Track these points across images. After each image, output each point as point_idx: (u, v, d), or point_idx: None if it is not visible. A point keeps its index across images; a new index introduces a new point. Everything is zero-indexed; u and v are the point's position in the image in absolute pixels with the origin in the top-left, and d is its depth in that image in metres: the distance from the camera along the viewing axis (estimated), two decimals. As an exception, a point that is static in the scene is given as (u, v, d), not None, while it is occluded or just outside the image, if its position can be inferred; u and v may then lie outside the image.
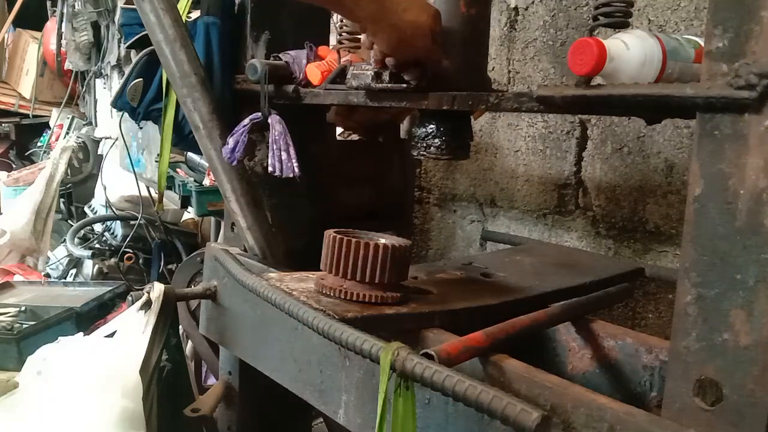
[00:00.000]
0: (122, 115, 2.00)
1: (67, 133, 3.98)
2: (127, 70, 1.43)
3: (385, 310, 0.92)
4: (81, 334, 1.37)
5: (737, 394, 0.62)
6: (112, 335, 1.26)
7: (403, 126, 1.70)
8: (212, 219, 2.40)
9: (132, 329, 1.24)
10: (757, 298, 0.60)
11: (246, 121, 1.23)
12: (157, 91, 1.40)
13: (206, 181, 2.22)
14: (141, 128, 2.16)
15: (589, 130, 1.71)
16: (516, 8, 1.84)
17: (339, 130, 1.67)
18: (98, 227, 3.01)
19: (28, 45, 4.48)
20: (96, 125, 3.78)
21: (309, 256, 1.11)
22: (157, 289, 1.27)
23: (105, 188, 2.99)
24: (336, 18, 1.54)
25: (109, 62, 3.27)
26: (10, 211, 3.33)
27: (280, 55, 1.27)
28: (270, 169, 1.21)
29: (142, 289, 1.29)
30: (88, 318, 1.88)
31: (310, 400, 1.10)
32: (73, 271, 2.97)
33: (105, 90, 3.49)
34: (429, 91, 0.96)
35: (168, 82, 1.35)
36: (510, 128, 1.91)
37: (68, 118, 4.11)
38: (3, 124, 4.63)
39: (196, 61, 1.26)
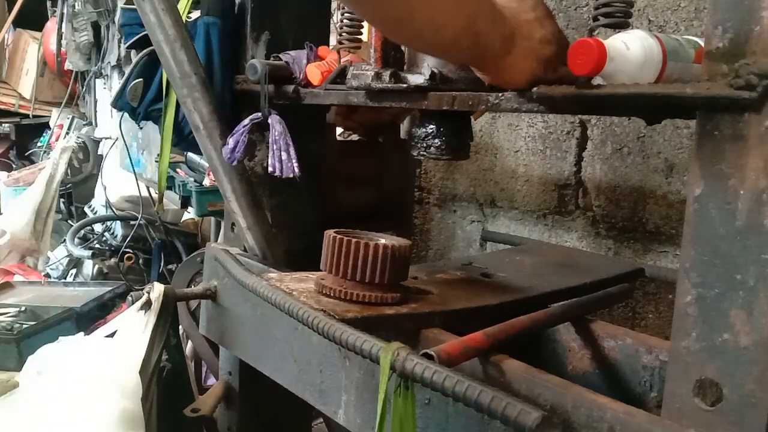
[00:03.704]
0: (122, 115, 2.00)
1: (67, 133, 3.98)
2: (127, 71, 1.43)
3: (385, 310, 0.91)
4: (81, 334, 1.37)
5: (737, 394, 0.62)
6: (112, 335, 1.25)
7: (403, 126, 1.70)
8: (212, 219, 2.40)
9: (132, 329, 1.24)
10: (757, 298, 0.60)
11: (246, 121, 1.23)
12: (157, 92, 1.40)
13: (206, 181, 2.22)
14: (141, 128, 2.16)
15: (589, 130, 1.71)
16: (516, 8, 1.84)
17: (339, 130, 1.67)
18: (98, 227, 3.01)
19: (28, 45, 4.48)
20: (96, 125, 3.78)
21: (309, 256, 1.11)
22: (156, 290, 1.27)
23: (105, 188, 2.99)
24: (336, 18, 1.55)
25: (109, 62, 3.26)
26: (10, 211, 3.33)
27: (280, 55, 1.27)
28: (270, 169, 1.21)
29: (142, 289, 1.29)
30: (88, 318, 1.88)
31: (310, 400, 1.10)
32: (73, 271, 2.97)
33: (105, 90, 3.48)
34: (429, 91, 0.96)
35: (168, 83, 1.35)
36: (510, 128, 1.91)
37: (68, 118, 4.11)
38: (3, 124, 4.63)
39: (196, 62, 1.26)
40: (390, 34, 0.83)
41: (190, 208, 2.55)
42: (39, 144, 4.37)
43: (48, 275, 2.98)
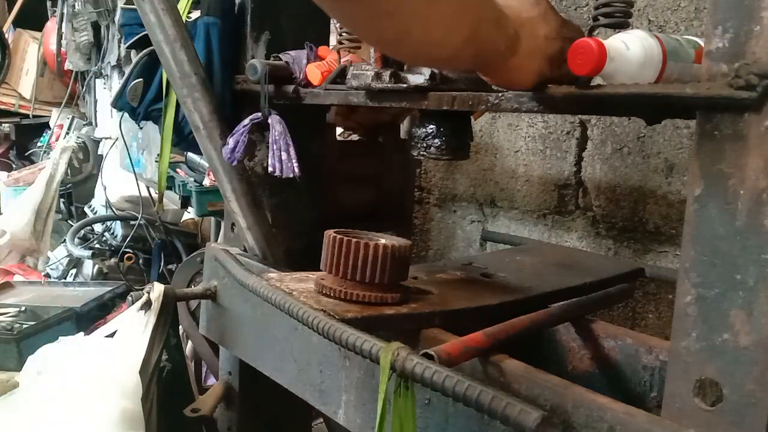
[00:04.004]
0: (122, 115, 2.00)
1: (67, 133, 3.98)
2: (127, 71, 1.43)
3: (385, 310, 0.91)
4: (81, 334, 1.37)
5: (737, 394, 0.62)
6: (112, 335, 1.26)
7: (403, 126, 1.70)
8: (212, 219, 2.40)
9: (132, 329, 1.24)
10: (757, 298, 0.60)
11: (246, 121, 1.23)
12: (157, 92, 1.40)
13: (206, 181, 2.22)
14: (141, 128, 2.16)
15: (589, 130, 1.71)
16: (516, 8, 1.84)
17: (339, 130, 1.67)
18: (98, 227, 3.01)
19: (28, 45, 4.48)
20: (96, 125, 3.78)
21: (309, 256, 1.11)
22: (156, 290, 1.27)
23: (105, 188, 2.99)
24: (336, 18, 1.54)
25: (109, 62, 3.26)
26: (10, 211, 3.33)
27: (280, 56, 1.27)
28: (270, 169, 1.21)
29: (142, 289, 1.29)
30: (88, 318, 1.88)
31: (310, 400, 1.10)
32: (73, 271, 2.97)
33: (105, 90, 3.48)
34: (429, 91, 0.96)
35: (168, 83, 1.35)
36: (510, 128, 1.91)
37: (68, 118, 4.11)
38: (3, 124, 4.63)
39: (196, 62, 1.26)
40: (388, 53, 0.80)
41: (190, 208, 2.55)
42: (39, 144, 4.37)
43: (48, 275, 2.98)
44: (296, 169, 1.20)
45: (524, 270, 1.22)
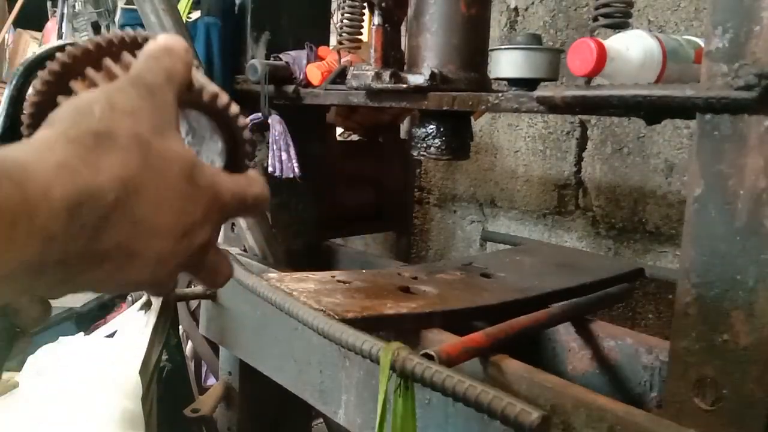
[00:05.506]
0: (122, 115, 2.00)
1: (67, 133, 3.98)
2: (127, 71, 1.43)
3: (385, 310, 0.92)
4: (81, 334, 1.36)
5: (737, 394, 0.62)
6: (112, 335, 1.26)
7: (403, 126, 1.70)
8: (212, 219, 2.40)
9: (132, 329, 1.24)
10: (757, 298, 0.60)
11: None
12: (157, 91, 1.40)
13: (206, 182, 2.21)
14: (141, 128, 2.15)
15: (589, 130, 1.71)
16: (516, 9, 1.84)
17: (339, 130, 1.67)
18: (98, 227, 3.00)
19: (28, 45, 4.48)
20: (96, 125, 3.77)
21: (309, 256, 1.11)
22: (157, 290, 1.27)
23: (105, 188, 2.99)
24: (336, 18, 1.55)
25: (109, 62, 3.26)
26: (10, 211, 3.32)
27: (281, 56, 1.27)
28: (270, 169, 1.21)
29: (142, 289, 1.29)
30: (88, 318, 1.88)
31: (310, 400, 1.10)
32: (73, 271, 2.96)
33: (105, 90, 3.48)
34: (429, 91, 0.96)
35: (168, 83, 1.35)
36: (510, 129, 1.91)
37: (68, 118, 4.11)
38: (3, 124, 4.63)
39: (196, 62, 1.26)
40: None
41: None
42: (39, 144, 4.37)
43: (48, 275, 2.98)
44: (296, 170, 1.20)
45: (524, 270, 1.22)
